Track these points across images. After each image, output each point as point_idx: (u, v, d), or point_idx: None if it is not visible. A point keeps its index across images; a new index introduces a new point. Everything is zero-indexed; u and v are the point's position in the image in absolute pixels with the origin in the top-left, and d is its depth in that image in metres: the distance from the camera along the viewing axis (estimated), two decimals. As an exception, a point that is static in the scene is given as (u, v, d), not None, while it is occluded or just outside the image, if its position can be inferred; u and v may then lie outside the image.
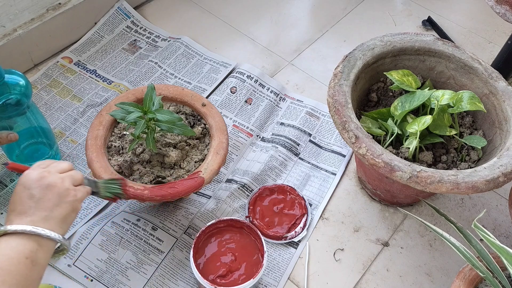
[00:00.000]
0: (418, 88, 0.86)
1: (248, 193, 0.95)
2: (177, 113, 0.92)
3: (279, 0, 1.39)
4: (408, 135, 0.83)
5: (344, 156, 1.04)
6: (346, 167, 1.03)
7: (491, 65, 0.96)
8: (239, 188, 0.95)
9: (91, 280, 0.83)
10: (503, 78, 0.87)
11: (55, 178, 0.62)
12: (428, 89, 0.85)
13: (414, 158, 0.84)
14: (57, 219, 0.60)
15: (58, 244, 0.60)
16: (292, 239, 0.90)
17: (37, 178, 0.60)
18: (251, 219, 0.91)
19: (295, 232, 0.90)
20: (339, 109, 0.80)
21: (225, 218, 0.83)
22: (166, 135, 0.86)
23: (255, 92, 1.13)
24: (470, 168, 0.81)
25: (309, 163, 1.03)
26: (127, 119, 0.77)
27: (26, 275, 0.54)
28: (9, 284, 0.52)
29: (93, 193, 0.70)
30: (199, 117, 0.92)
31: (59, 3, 1.13)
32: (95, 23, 1.23)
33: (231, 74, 1.15)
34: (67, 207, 0.61)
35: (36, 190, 0.59)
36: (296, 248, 0.90)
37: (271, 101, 1.12)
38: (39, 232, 0.57)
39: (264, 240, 0.86)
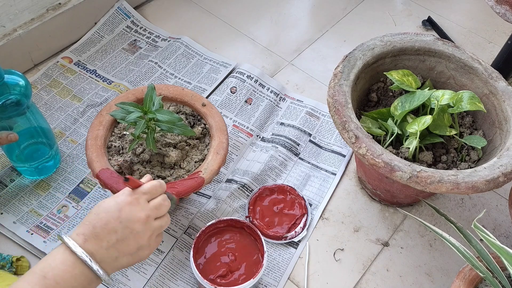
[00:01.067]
0: (418, 88, 0.86)
1: (248, 193, 0.96)
2: (177, 113, 0.92)
3: (279, 0, 1.39)
4: (408, 135, 0.83)
5: (344, 156, 1.04)
6: (346, 167, 1.03)
7: (491, 65, 0.96)
8: (239, 188, 0.95)
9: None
10: (503, 78, 0.87)
11: (147, 229, 0.60)
12: (428, 89, 0.85)
13: (414, 158, 0.84)
14: (122, 265, 0.59)
15: None
16: (292, 239, 0.90)
17: (135, 220, 0.58)
18: (251, 219, 0.91)
19: (295, 232, 0.90)
20: (339, 109, 0.80)
21: (225, 218, 0.83)
22: (166, 135, 0.86)
23: (255, 92, 1.13)
24: (470, 168, 0.81)
25: (309, 163, 1.03)
26: (127, 119, 0.77)
27: None
28: None
29: None
30: (199, 117, 0.92)
31: (59, 3, 1.13)
32: (95, 23, 1.23)
33: (231, 74, 1.15)
34: (136, 259, 0.60)
35: (126, 230, 0.58)
36: (296, 248, 0.90)
37: (271, 101, 1.12)
38: (99, 275, 0.56)
39: (264, 240, 0.86)
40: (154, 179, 0.82)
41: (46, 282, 0.52)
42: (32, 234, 0.87)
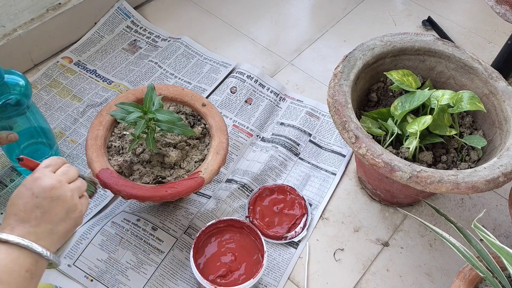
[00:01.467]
0: (418, 88, 0.86)
1: (248, 193, 0.96)
2: (177, 113, 0.92)
3: (279, 0, 1.39)
4: (408, 135, 0.83)
5: (344, 156, 1.04)
6: (346, 167, 1.03)
7: (491, 65, 0.96)
8: (239, 188, 0.95)
9: (91, 280, 0.83)
10: (503, 78, 0.87)
11: (65, 190, 0.60)
12: (428, 89, 0.85)
13: (414, 158, 0.84)
14: (60, 233, 0.59)
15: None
16: (292, 239, 0.90)
17: (48, 188, 0.58)
18: (251, 219, 0.91)
19: (295, 232, 0.90)
20: (339, 109, 0.80)
21: (225, 218, 0.83)
22: (166, 135, 0.86)
23: (255, 92, 1.13)
24: (470, 168, 0.81)
25: (309, 163, 1.03)
26: (127, 119, 0.77)
27: (24, 287, 0.54)
28: None
29: None
30: (199, 117, 0.92)
31: (59, 3, 1.13)
32: (95, 23, 1.23)
33: (231, 74, 1.15)
34: (71, 223, 0.60)
35: (45, 201, 0.57)
36: (296, 248, 0.90)
37: (271, 101, 1.12)
38: (39, 252, 0.55)
39: (264, 240, 0.86)
40: (154, 179, 0.82)
41: None
42: (32, 234, 0.87)
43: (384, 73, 0.89)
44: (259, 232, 0.82)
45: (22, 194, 0.58)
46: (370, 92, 0.94)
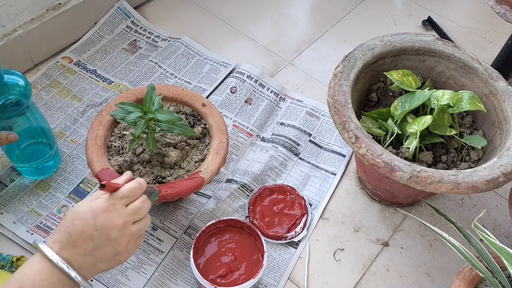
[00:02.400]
0: (418, 88, 0.86)
1: (248, 193, 0.95)
2: (177, 113, 0.92)
3: (279, 0, 1.39)
4: (408, 135, 0.83)
5: (344, 156, 1.04)
6: (346, 167, 1.02)
7: (491, 65, 0.96)
8: (239, 188, 0.95)
9: (91, 280, 0.83)
10: (503, 78, 0.87)
11: (124, 234, 0.59)
12: (428, 89, 0.85)
13: (414, 158, 0.84)
14: (99, 270, 0.59)
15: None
16: (292, 239, 0.90)
17: (110, 227, 0.57)
18: (251, 219, 0.91)
19: (295, 232, 0.90)
20: (339, 109, 0.80)
21: (225, 218, 0.83)
22: (166, 135, 0.86)
23: (255, 92, 1.13)
24: (470, 168, 0.81)
25: (309, 163, 1.03)
26: (127, 119, 0.77)
27: None
28: None
29: None
30: (199, 117, 0.92)
31: (59, 3, 1.13)
32: (95, 23, 1.23)
33: (231, 74, 1.15)
34: (114, 264, 0.60)
35: (101, 238, 0.57)
36: (296, 248, 0.90)
37: (271, 101, 1.12)
38: (77, 281, 0.55)
39: (264, 240, 0.86)
40: (154, 179, 0.82)
41: None
42: (32, 234, 0.87)
43: (384, 73, 0.89)
44: (259, 232, 0.82)
45: (85, 218, 0.57)
46: (370, 92, 0.94)
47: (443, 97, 0.83)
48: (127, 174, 0.65)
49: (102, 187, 0.58)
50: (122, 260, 0.60)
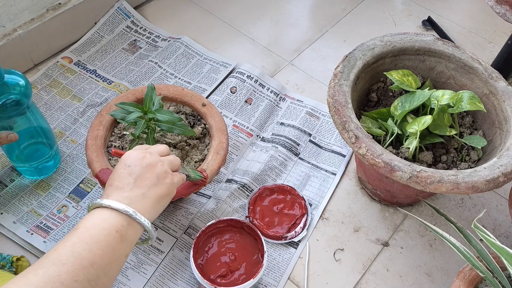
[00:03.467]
0: (418, 88, 0.86)
1: (248, 193, 0.96)
2: (177, 113, 0.92)
3: (279, 0, 1.39)
4: (408, 135, 0.83)
5: (344, 156, 1.04)
6: (346, 167, 1.03)
7: (491, 65, 0.96)
8: (239, 188, 0.95)
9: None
10: (503, 78, 0.87)
11: (155, 159, 0.63)
12: (428, 89, 0.85)
13: (414, 158, 0.84)
14: (153, 198, 0.61)
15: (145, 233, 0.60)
16: (292, 239, 0.90)
17: (139, 157, 0.62)
18: (251, 219, 0.91)
19: (295, 232, 0.90)
20: (339, 109, 0.80)
21: (225, 218, 0.83)
22: (166, 135, 0.86)
23: (255, 92, 1.13)
24: (470, 168, 0.81)
25: (309, 163, 1.03)
26: (127, 119, 0.77)
27: (113, 248, 0.53)
28: (95, 254, 0.51)
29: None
30: (199, 117, 0.92)
31: (59, 3, 1.13)
32: (95, 23, 1.23)
33: (231, 74, 1.15)
34: (163, 189, 0.62)
35: (136, 168, 0.61)
36: (296, 248, 0.90)
37: (271, 101, 1.12)
38: (130, 213, 0.56)
39: (264, 240, 0.86)
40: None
41: (77, 231, 0.52)
42: (32, 234, 0.87)
43: (384, 73, 0.89)
44: (259, 232, 0.82)
45: (117, 169, 0.62)
46: (370, 92, 0.94)
47: (443, 97, 0.83)
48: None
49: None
50: (168, 183, 0.63)
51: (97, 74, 1.14)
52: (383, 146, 0.82)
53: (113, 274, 0.53)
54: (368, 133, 0.80)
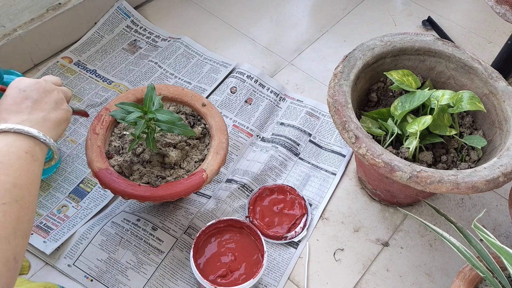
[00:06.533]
0: (418, 88, 0.86)
1: (248, 193, 0.96)
2: (177, 113, 0.91)
3: (279, 0, 1.39)
4: (408, 135, 0.83)
5: (344, 156, 1.04)
6: (346, 167, 1.03)
7: (491, 65, 0.96)
8: (239, 188, 0.95)
9: (91, 280, 0.83)
10: (503, 78, 0.87)
11: (51, 86, 0.63)
12: (428, 89, 0.85)
13: (414, 158, 0.84)
14: (53, 121, 0.61)
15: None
16: (292, 239, 0.90)
17: (33, 83, 0.61)
18: (251, 219, 0.91)
19: (295, 232, 0.90)
20: (339, 109, 0.80)
21: (225, 218, 0.83)
22: (166, 135, 0.86)
23: (255, 92, 1.13)
24: (470, 168, 0.81)
25: (309, 163, 1.03)
26: (127, 119, 0.77)
27: (28, 168, 0.54)
28: (12, 177, 0.51)
29: None
30: (199, 117, 0.92)
31: (59, 3, 1.13)
32: (95, 23, 1.23)
33: (231, 74, 1.15)
34: (62, 113, 0.62)
35: (34, 92, 0.60)
36: (296, 248, 0.90)
37: (271, 101, 1.12)
38: (35, 135, 0.56)
39: (264, 240, 0.86)
40: (152, 178, 0.82)
41: None
42: (32, 234, 0.87)
43: (384, 73, 0.89)
44: (259, 232, 0.82)
45: (8, 93, 0.60)
46: (370, 92, 0.94)
47: (443, 97, 0.83)
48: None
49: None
50: (65, 109, 0.64)
51: (97, 74, 1.14)
52: (383, 146, 0.82)
53: (35, 192, 0.54)
54: (368, 133, 0.80)
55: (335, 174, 1.01)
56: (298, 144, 1.05)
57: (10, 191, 0.50)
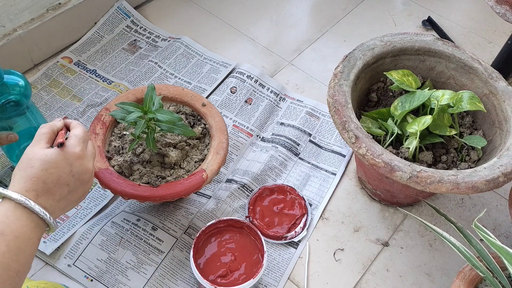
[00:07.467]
0: (418, 88, 0.86)
1: (248, 193, 0.96)
2: (177, 113, 0.92)
3: (279, 0, 1.39)
4: (408, 135, 0.83)
5: (344, 156, 1.04)
6: (346, 167, 1.03)
7: (491, 65, 0.96)
8: (239, 188, 0.95)
9: (91, 280, 0.83)
10: (503, 78, 0.87)
11: (92, 176, 0.62)
12: (428, 89, 0.85)
13: (414, 158, 0.84)
14: (67, 211, 0.61)
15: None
16: (292, 239, 0.90)
17: (85, 171, 0.60)
18: (251, 219, 0.91)
19: (295, 232, 0.90)
20: (339, 109, 0.80)
21: (225, 218, 0.83)
22: (166, 135, 0.86)
23: (255, 92, 1.13)
24: (470, 168, 0.81)
25: (309, 163, 1.03)
26: (127, 119, 0.77)
27: (33, 252, 0.55)
28: (20, 263, 0.52)
29: None
30: (199, 117, 0.92)
31: (59, 3, 1.13)
32: (95, 23, 1.23)
33: (231, 74, 1.15)
34: (77, 203, 0.62)
35: (77, 182, 0.59)
36: (296, 248, 0.90)
37: (271, 101, 1.12)
38: (49, 222, 0.56)
39: (264, 240, 0.86)
40: (152, 178, 0.82)
41: (6, 238, 0.51)
42: (32, 234, 0.87)
43: (384, 73, 0.89)
44: (259, 232, 0.82)
45: (60, 166, 0.57)
46: (370, 92, 0.94)
47: (443, 97, 0.83)
48: (60, 120, 0.65)
49: (61, 145, 0.59)
50: (83, 199, 0.63)
51: (97, 74, 1.14)
52: (383, 146, 0.82)
53: (27, 272, 0.55)
54: (368, 133, 0.80)
55: (335, 174, 1.01)
56: (298, 144, 1.05)
57: (12, 278, 0.51)
